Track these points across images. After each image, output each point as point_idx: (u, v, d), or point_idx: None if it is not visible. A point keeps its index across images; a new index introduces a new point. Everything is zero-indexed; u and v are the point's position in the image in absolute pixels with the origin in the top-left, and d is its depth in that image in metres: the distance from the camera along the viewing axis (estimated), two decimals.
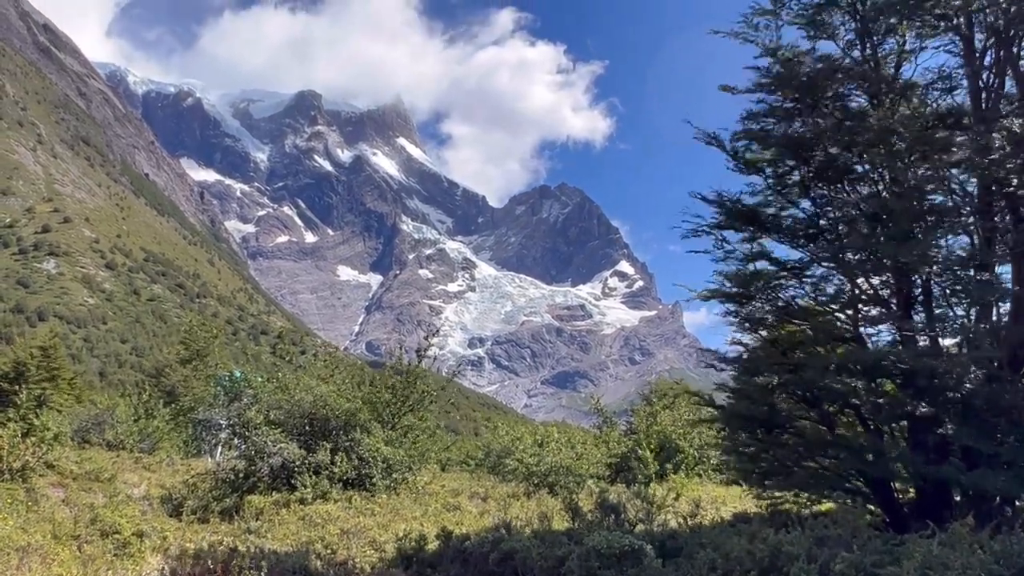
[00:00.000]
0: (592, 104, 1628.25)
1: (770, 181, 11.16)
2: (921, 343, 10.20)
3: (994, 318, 9.86)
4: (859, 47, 10.62)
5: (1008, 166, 9.24)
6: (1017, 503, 9.62)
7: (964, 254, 10.07)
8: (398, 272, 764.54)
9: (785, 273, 11.19)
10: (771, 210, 11.21)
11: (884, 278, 10.61)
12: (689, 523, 12.06)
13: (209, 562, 10.20)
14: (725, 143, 11.11)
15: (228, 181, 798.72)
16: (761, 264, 11.31)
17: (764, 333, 11.71)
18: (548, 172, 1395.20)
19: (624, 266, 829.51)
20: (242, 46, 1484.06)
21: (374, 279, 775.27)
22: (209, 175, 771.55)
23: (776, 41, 10.64)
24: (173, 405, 36.25)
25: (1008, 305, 9.83)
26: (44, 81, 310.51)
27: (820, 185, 11.03)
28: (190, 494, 15.62)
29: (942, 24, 10.21)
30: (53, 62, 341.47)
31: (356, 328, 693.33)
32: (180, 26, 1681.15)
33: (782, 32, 10.77)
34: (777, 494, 12.00)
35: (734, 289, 11.34)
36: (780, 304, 11.40)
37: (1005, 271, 9.95)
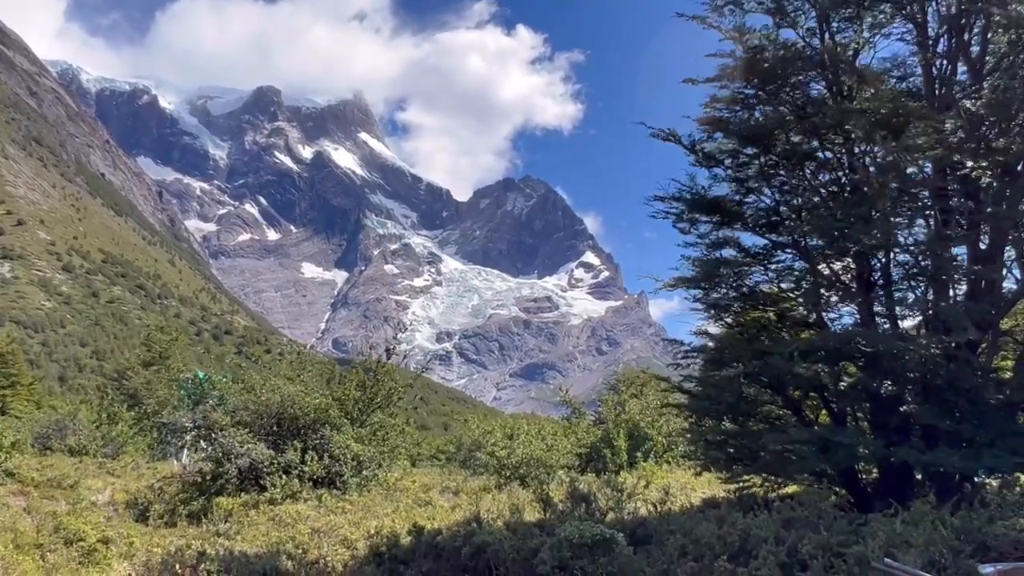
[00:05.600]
0: (570, 92, 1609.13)
1: (730, 172, 11.27)
2: (882, 326, 10.40)
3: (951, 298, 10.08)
4: (819, 35, 10.76)
5: (962, 149, 9.44)
6: (976, 479, 9.87)
7: (922, 236, 10.29)
8: (363, 268, 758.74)
9: (750, 259, 11.33)
10: (733, 199, 11.32)
11: (844, 263, 10.79)
12: (659, 510, 12.17)
13: (177, 567, 10.06)
14: (683, 139, 11.18)
15: (187, 179, 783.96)
16: (727, 251, 11.45)
17: (730, 320, 11.85)
18: (525, 163, 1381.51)
19: (590, 257, 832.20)
20: (199, 35, 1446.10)
21: (339, 276, 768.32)
22: (167, 173, 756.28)
23: (740, 27, 10.72)
24: (137, 408, 35.55)
25: (964, 285, 10.07)
26: None
27: (782, 172, 11.16)
28: (156, 498, 15.38)
29: (895, 10, 10.38)
30: (2, 61, 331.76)
31: (322, 326, 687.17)
32: (137, 11, 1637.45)
33: (746, 20, 10.88)
34: (745, 478, 12.17)
35: (700, 277, 11.46)
36: (745, 291, 11.54)
37: (960, 251, 10.18)
